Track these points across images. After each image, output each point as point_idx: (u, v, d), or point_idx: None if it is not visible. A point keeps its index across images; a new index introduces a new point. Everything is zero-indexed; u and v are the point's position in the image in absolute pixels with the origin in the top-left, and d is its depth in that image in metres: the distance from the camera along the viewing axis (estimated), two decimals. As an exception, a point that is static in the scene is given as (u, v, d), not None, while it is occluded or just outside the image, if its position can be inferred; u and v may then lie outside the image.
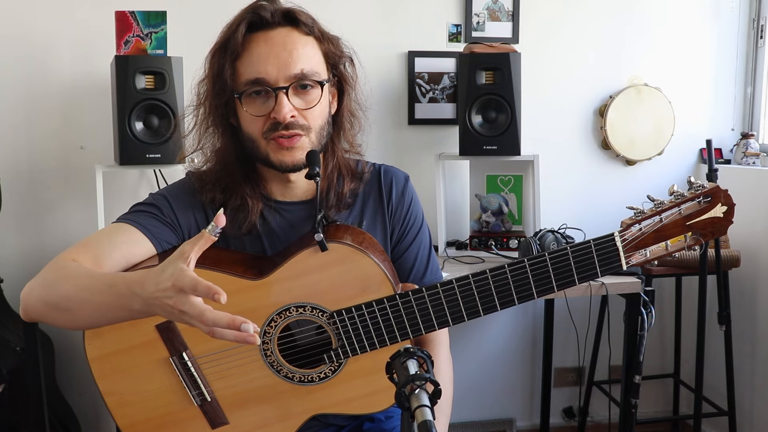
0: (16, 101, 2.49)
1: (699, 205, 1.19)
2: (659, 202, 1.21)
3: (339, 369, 1.27)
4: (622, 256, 1.19)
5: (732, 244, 2.68)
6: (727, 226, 1.19)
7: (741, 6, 2.97)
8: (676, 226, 1.19)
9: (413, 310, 1.22)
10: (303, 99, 1.26)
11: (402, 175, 1.44)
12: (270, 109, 1.24)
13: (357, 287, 1.22)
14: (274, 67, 1.23)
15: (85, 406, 2.60)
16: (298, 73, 1.23)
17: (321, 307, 1.23)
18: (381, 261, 1.24)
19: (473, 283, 1.20)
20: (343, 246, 1.22)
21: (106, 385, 1.27)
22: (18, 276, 2.45)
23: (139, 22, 2.25)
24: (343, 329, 1.23)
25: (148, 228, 1.27)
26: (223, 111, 1.29)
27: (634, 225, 1.20)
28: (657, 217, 1.19)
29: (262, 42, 1.24)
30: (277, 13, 1.26)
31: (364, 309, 1.22)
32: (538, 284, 1.20)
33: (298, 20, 1.26)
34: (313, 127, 1.27)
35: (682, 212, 1.19)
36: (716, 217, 1.19)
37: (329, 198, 1.35)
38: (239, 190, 1.32)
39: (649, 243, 1.19)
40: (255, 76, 1.23)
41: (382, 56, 2.73)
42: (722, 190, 1.19)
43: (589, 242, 1.19)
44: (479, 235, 2.66)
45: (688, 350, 2.89)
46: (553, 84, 2.86)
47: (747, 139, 2.89)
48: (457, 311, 1.22)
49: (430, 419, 0.84)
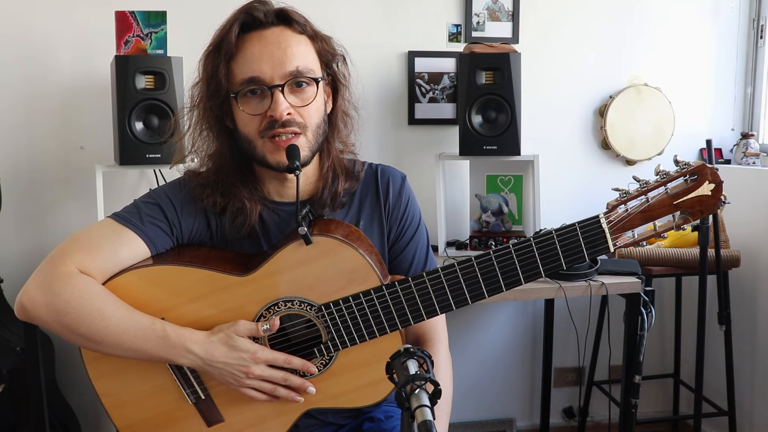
0: (16, 101, 2.49)
1: (686, 183, 1.17)
2: (644, 182, 1.19)
3: (330, 363, 1.27)
4: (609, 237, 1.18)
5: (732, 244, 2.68)
6: (715, 204, 1.17)
7: (741, 6, 2.97)
8: (663, 206, 1.18)
9: (400, 301, 1.22)
10: (299, 97, 1.26)
11: (399, 174, 1.44)
12: (266, 108, 1.24)
13: (343, 280, 1.23)
14: (268, 66, 1.23)
15: (85, 406, 2.60)
16: (293, 71, 1.24)
17: (309, 300, 1.24)
18: (367, 253, 1.24)
19: (459, 271, 1.20)
20: (328, 239, 1.23)
21: (102, 386, 1.28)
22: (18, 276, 2.45)
23: (139, 22, 2.25)
24: (332, 322, 1.24)
25: (151, 239, 1.27)
26: (218, 113, 1.30)
27: (619, 206, 1.19)
28: (643, 197, 1.18)
29: (255, 41, 1.25)
30: (269, 13, 1.26)
31: (352, 301, 1.23)
32: (524, 269, 1.19)
33: (291, 19, 1.27)
34: (310, 125, 1.27)
35: (669, 191, 1.18)
36: (704, 195, 1.17)
37: (323, 197, 1.35)
38: (237, 193, 1.31)
39: (636, 224, 1.18)
40: (250, 75, 1.24)
41: (382, 56, 2.73)
42: (709, 167, 1.17)
43: (575, 225, 1.18)
44: (479, 235, 2.66)
45: (688, 350, 2.89)
46: (553, 84, 2.86)
47: (747, 139, 2.89)
48: (444, 300, 1.22)
49: (430, 419, 0.85)
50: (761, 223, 2.67)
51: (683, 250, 2.55)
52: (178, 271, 1.24)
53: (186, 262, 1.25)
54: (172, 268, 1.25)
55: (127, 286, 1.24)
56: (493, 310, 2.96)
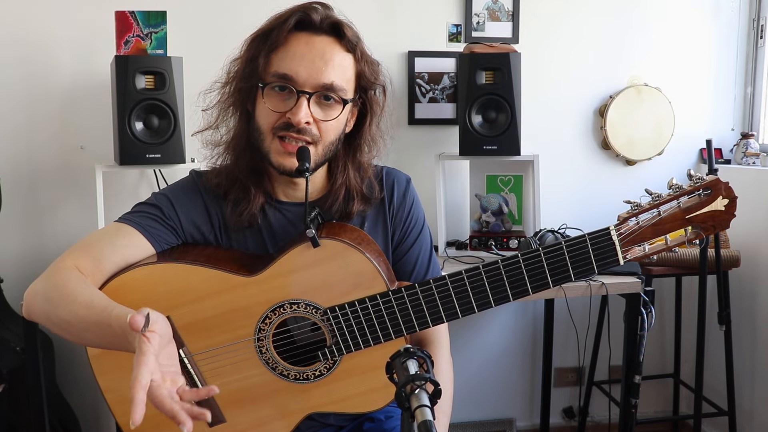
0: (17, 101, 2.49)
1: (699, 198, 1.16)
2: (657, 195, 1.18)
3: (334, 367, 1.27)
4: (619, 250, 1.17)
5: (732, 244, 2.68)
6: (729, 220, 1.16)
7: (741, 6, 2.97)
8: (675, 220, 1.16)
9: (406, 307, 1.22)
10: (323, 110, 1.26)
11: (404, 177, 1.44)
12: (288, 108, 1.25)
13: (349, 284, 1.22)
14: (305, 71, 1.23)
15: (85, 406, 2.60)
16: (327, 84, 1.24)
17: (314, 303, 1.24)
18: (374, 258, 1.23)
19: (466, 279, 1.20)
20: (336, 242, 1.22)
21: (105, 381, 1.28)
22: (18, 276, 2.45)
23: (139, 22, 2.25)
24: (337, 326, 1.23)
25: (148, 230, 1.28)
26: (245, 95, 1.30)
27: (630, 219, 1.17)
28: (655, 211, 1.17)
29: (303, 43, 1.25)
30: (326, 21, 1.27)
31: (357, 306, 1.22)
32: (532, 280, 1.19)
33: (344, 34, 1.27)
34: (324, 140, 1.28)
35: (681, 205, 1.16)
36: (717, 210, 1.15)
37: (331, 211, 1.35)
38: (244, 178, 1.32)
39: (646, 237, 1.17)
40: (285, 71, 1.24)
41: (382, 56, 2.65)
42: (723, 182, 1.16)
43: (584, 236, 1.17)
44: (479, 235, 2.66)
45: (688, 350, 2.89)
46: (553, 84, 2.86)
47: (747, 139, 2.89)
48: (450, 307, 1.21)
49: (430, 419, 0.85)
50: (761, 223, 2.67)
51: (683, 250, 2.55)
52: (184, 270, 1.24)
53: (191, 261, 1.25)
54: (177, 266, 1.25)
55: (132, 282, 1.24)
56: (494, 310, 2.95)
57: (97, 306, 1.11)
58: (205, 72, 1.41)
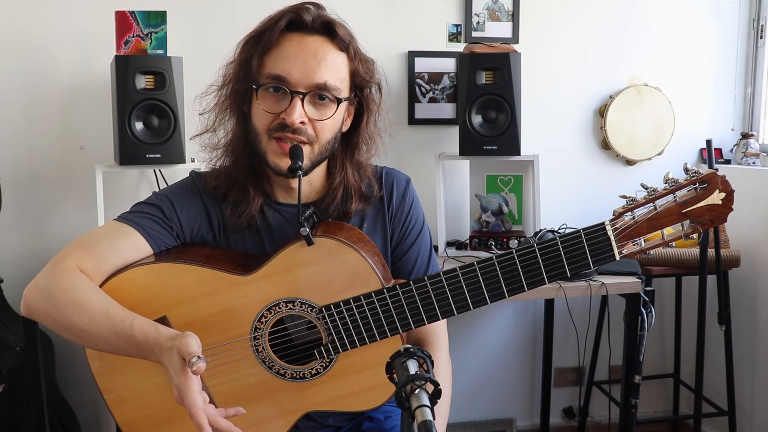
0: (17, 101, 2.49)
1: (695, 192, 1.14)
2: (652, 190, 1.17)
3: (330, 365, 1.27)
4: (614, 245, 1.16)
5: (732, 244, 2.68)
6: (726, 214, 1.14)
7: (741, 6, 2.97)
8: (671, 214, 1.15)
9: (401, 304, 1.21)
10: (317, 110, 1.26)
11: (403, 177, 1.44)
12: (282, 109, 1.25)
13: (345, 282, 1.22)
14: (298, 71, 1.23)
15: (85, 406, 2.60)
16: (320, 84, 1.24)
17: (310, 302, 1.24)
18: (370, 256, 1.23)
19: (461, 276, 1.20)
20: (330, 240, 1.22)
21: (104, 382, 1.28)
22: (18, 276, 2.45)
23: (139, 22, 2.25)
24: (332, 324, 1.23)
25: (149, 232, 1.28)
26: (240, 97, 1.31)
27: (626, 213, 1.16)
28: (650, 205, 1.16)
29: (295, 43, 1.25)
30: (318, 20, 1.26)
31: (353, 303, 1.22)
32: (527, 275, 1.18)
33: (336, 33, 1.27)
34: (319, 139, 1.28)
35: (678, 200, 1.15)
36: (714, 204, 1.14)
37: (329, 210, 1.35)
38: (243, 180, 1.32)
39: (642, 232, 1.15)
40: (278, 72, 1.24)
41: (382, 56, 2.68)
42: (719, 176, 1.14)
43: (579, 232, 1.17)
44: (479, 235, 2.66)
45: (688, 350, 2.89)
46: (553, 84, 2.86)
47: (747, 139, 2.89)
48: (446, 305, 1.21)
49: (430, 419, 0.84)
50: (761, 223, 2.67)
51: (683, 250, 2.55)
52: (181, 269, 1.24)
53: (189, 260, 1.25)
54: (175, 265, 1.25)
55: (130, 282, 1.24)
56: (493, 310, 2.96)
57: (116, 315, 1.16)
58: (205, 72, 1.41)
